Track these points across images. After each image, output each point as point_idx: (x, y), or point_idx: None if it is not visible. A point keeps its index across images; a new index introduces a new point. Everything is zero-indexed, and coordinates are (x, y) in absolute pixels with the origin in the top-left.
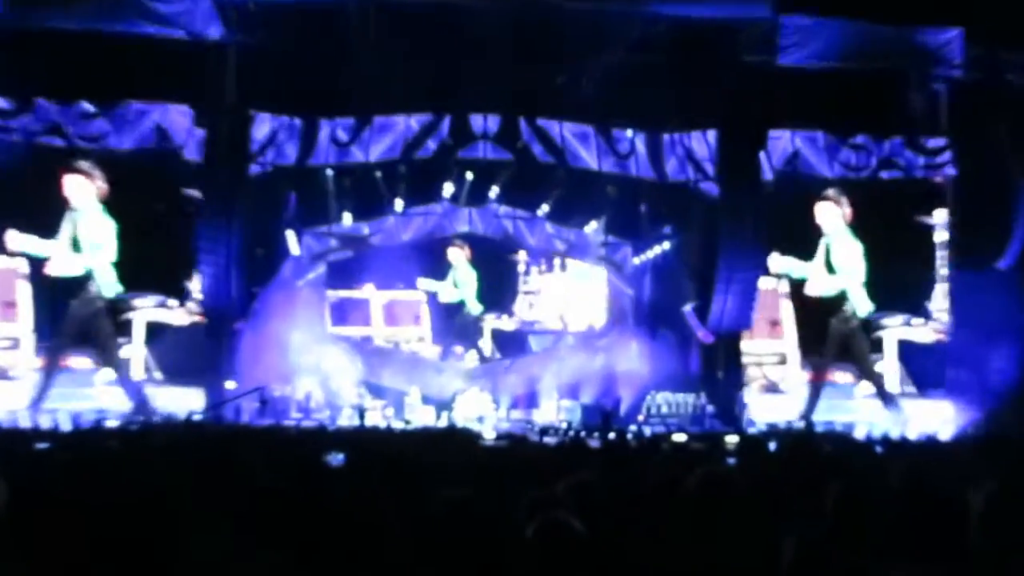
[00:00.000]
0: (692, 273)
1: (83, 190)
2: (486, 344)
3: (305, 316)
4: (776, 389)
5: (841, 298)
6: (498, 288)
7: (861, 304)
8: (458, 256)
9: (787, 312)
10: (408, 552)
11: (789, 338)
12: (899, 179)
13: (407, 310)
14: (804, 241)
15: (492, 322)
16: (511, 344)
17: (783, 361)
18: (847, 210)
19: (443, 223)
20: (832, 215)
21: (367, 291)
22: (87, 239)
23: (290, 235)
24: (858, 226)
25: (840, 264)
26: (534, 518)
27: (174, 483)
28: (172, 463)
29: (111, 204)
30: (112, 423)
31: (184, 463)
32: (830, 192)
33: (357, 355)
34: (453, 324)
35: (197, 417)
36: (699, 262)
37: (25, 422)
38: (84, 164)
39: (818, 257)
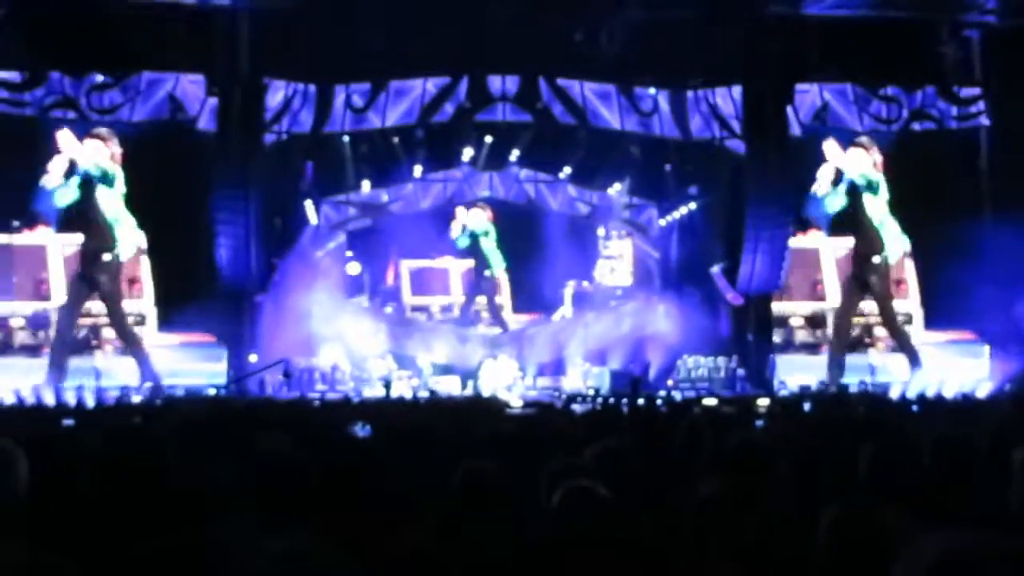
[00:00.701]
0: (720, 233)
1: (99, 153)
2: (506, 307)
3: (325, 286)
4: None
5: (873, 248)
6: (577, 252)
7: (893, 251)
8: (480, 218)
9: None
10: (434, 525)
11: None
12: (932, 131)
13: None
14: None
15: (572, 287)
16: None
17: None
18: (878, 157)
19: (463, 188)
20: (862, 162)
21: (446, 261)
22: (105, 204)
23: (308, 205)
24: (891, 177)
25: (872, 212)
26: (558, 486)
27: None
28: (196, 439)
29: (127, 176)
30: (136, 399)
31: (208, 438)
32: (862, 139)
33: (382, 324)
34: (478, 289)
35: (220, 391)
36: (726, 222)
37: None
38: (102, 130)
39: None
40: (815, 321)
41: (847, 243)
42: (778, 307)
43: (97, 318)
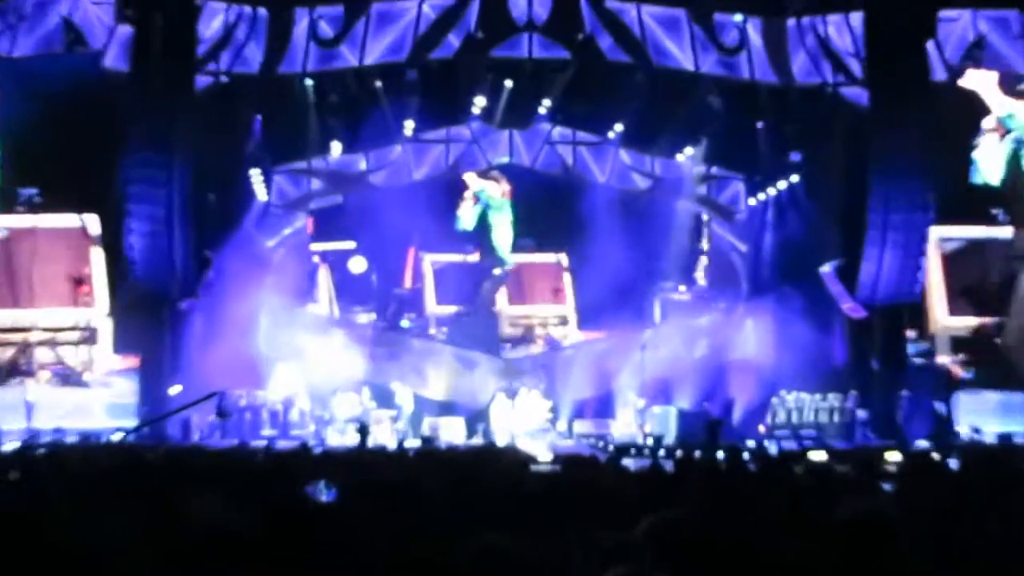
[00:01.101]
0: (833, 218)
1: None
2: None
3: (281, 288)
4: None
5: None
6: (638, 243)
7: None
8: (494, 191)
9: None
10: None
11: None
12: None
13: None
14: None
15: (666, 294)
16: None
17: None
18: None
19: (472, 152)
20: None
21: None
22: None
23: (255, 174)
24: None
25: None
26: (603, 573)
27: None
28: (93, 502)
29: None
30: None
31: (110, 501)
32: None
33: (358, 343)
34: (481, 287)
35: (128, 437)
36: (842, 202)
37: None
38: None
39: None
40: (981, 343)
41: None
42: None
43: (29, 333)
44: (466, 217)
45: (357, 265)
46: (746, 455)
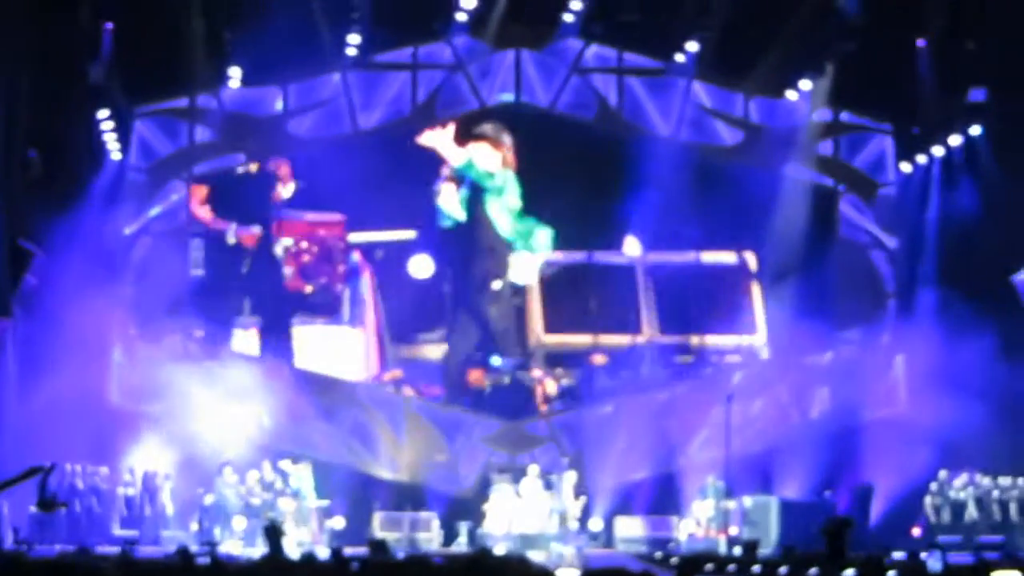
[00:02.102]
0: None
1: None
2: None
3: (149, 299)
4: None
5: None
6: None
7: None
8: (487, 160)
9: None
10: None
11: None
12: None
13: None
14: None
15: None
16: None
17: None
18: None
19: (455, 85)
20: None
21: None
22: None
23: (103, 120)
24: None
25: None
26: None
27: None
28: None
29: None
30: None
31: None
32: None
33: (273, 392)
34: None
35: None
36: None
37: None
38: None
39: None
40: None
41: None
42: None
43: None
44: (452, 207)
45: (420, 267)
46: (892, 574)
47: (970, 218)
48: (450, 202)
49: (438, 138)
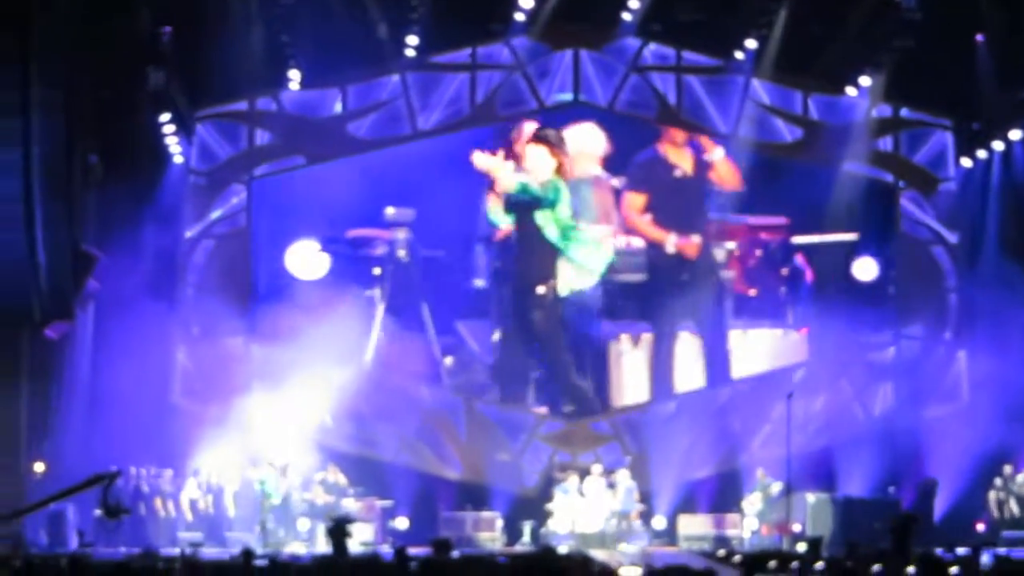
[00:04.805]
0: None
1: None
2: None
3: (210, 301)
4: None
5: None
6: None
7: None
8: (543, 163)
9: None
10: None
11: None
12: None
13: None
14: None
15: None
16: None
17: None
18: None
19: (515, 85)
20: None
21: None
22: None
23: (165, 124)
24: None
25: None
26: None
27: None
28: None
29: None
30: None
31: None
32: None
33: (335, 392)
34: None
35: None
36: None
37: None
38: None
39: None
40: None
41: None
42: None
43: None
44: (498, 216)
45: (863, 269)
46: (955, 570)
47: None
48: (497, 212)
49: (491, 162)
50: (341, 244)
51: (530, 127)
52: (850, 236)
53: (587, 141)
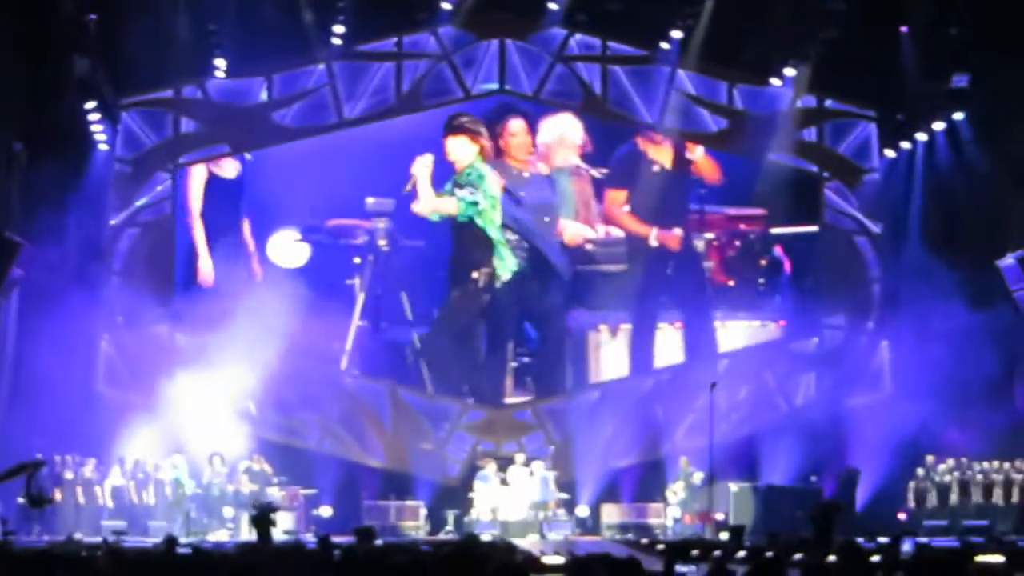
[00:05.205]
0: (1020, 177)
1: None
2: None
3: (135, 289)
4: None
5: None
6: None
7: None
8: (464, 151)
9: None
10: None
11: None
12: None
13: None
14: None
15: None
16: None
17: None
18: None
19: (441, 74)
20: None
21: None
22: None
23: (88, 109)
24: None
25: None
26: None
27: None
28: None
29: None
30: None
31: None
32: None
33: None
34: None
35: None
36: None
37: None
38: None
39: None
40: None
41: None
42: None
43: None
44: (424, 205)
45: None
46: (876, 559)
47: (954, 203)
48: (427, 203)
49: (420, 173)
50: (321, 233)
51: (516, 124)
52: (811, 228)
53: (566, 131)
